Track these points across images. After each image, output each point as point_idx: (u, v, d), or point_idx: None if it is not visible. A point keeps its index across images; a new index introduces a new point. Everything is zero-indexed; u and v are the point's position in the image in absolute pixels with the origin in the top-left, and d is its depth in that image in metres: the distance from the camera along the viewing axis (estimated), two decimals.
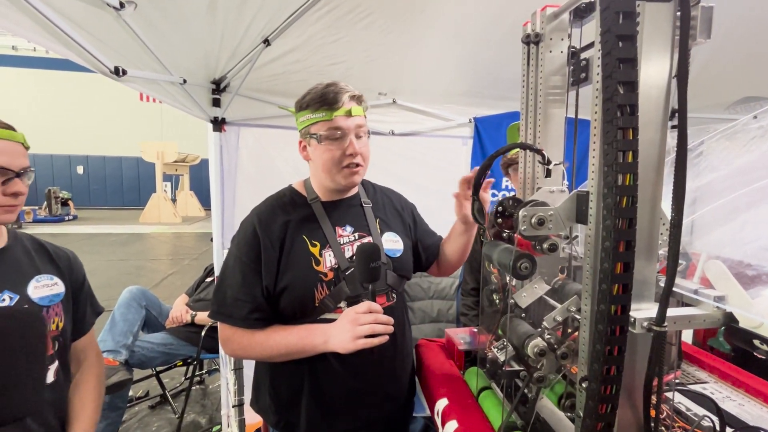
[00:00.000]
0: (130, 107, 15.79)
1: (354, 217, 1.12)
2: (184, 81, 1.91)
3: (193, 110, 2.10)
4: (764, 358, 1.29)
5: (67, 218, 12.82)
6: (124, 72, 1.50)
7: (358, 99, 1.04)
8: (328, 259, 1.04)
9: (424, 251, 1.26)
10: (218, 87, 2.15)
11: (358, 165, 1.04)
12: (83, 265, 1.18)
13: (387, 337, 0.92)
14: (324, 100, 1.00)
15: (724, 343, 1.80)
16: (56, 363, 1.02)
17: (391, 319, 0.94)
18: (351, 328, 0.92)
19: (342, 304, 1.02)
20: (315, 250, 1.04)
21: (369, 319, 0.91)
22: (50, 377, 1.00)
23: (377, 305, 0.94)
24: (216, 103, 2.18)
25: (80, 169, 16.85)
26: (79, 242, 9.11)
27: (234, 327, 1.03)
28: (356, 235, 1.10)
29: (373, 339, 0.90)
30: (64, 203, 13.16)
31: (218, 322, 1.06)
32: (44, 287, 1.02)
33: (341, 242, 1.07)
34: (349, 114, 1.00)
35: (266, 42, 1.75)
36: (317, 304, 1.02)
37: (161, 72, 1.78)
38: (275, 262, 1.02)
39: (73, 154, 16.59)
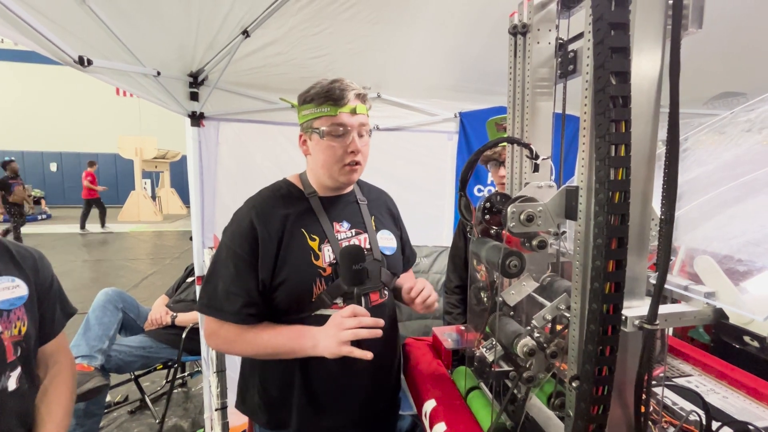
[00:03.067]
0: (106, 102, 15.22)
1: (351, 213, 1.12)
2: (158, 73, 1.82)
3: (169, 104, 2.01)
4: (742, 348, 1.32)
5: (40, 217, 12.36)
6: (90, 62, 1.41)
7: (362, 98, 1.04)
8: (327, 254, 1.03)
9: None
10: (195, 80, 2.06)
11: (357, 163, 1.04)
12: (53, 265, 1.12)
13: (371, 354, 0.91)
14: (329, 95, 0.99)
15: (704, 334, 1.84)
16: (18, 369, 0.97)
17: (379, 321, 0.93)
18: (335, 333, 0.91)
19: (338, 300, 1.01)
20: (314, 245, 1.03)
21: (353, 323, 0.91)
22: (12, 385, 0.95)
23: (362, 309, 0.93)
24: (194, 96, 2.09)
25: (53, 167, 16.20)
26: (53, 242, 8.78)
27: (222, 321, 0.99)
28: (353, 231, 1.10)
29: (356, 350, 0.90)
30: (36, 202, 12.66)
31: (205, 316, 1.02)
32: (4, 290, 0.96)
33: (339, 238, 1.07)
34: (353, 112, 1.01)
35: (245, 33, 1.68)
36: (314, 299, 1.01)
37: (133, 63, 1.69)
38: (273, 255, 0.99)
39: (45, 151, 15.93)
